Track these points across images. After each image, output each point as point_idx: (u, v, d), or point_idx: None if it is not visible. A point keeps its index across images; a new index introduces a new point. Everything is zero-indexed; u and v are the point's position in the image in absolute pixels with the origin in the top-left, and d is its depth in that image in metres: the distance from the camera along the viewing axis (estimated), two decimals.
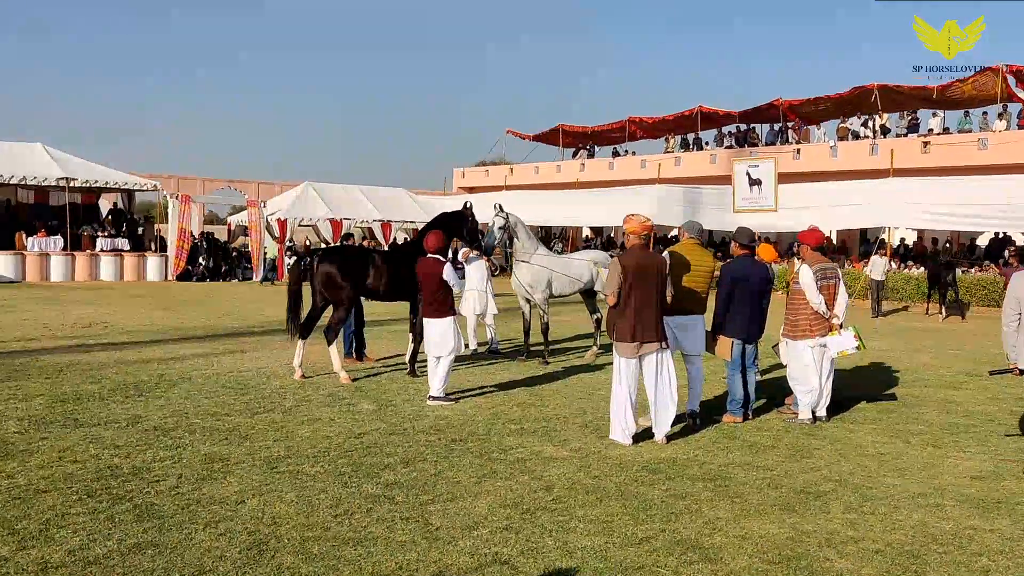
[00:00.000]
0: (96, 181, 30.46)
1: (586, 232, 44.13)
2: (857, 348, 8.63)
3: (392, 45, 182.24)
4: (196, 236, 35.92)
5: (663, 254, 8.46)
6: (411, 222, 34.14)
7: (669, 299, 7.63)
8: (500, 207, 11.91)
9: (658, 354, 7.50)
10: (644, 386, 7.64)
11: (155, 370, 10.70)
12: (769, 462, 6.99)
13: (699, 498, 5.94)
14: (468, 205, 11.62)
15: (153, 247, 32.12)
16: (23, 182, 29.20)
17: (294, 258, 26.12)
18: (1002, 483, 6.56)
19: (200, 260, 32.01)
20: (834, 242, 34.03)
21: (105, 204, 35.31)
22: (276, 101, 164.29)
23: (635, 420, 7.55)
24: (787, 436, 7.93)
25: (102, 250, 30.02)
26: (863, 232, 33.48)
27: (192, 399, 8.96)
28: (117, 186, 31.29)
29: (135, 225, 33.12)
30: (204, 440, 7.20)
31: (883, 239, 29.00)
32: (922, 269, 26.16)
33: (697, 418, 8.34)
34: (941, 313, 21.78)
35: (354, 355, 11.96)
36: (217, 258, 32.53)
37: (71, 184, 29.52)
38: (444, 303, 9.40)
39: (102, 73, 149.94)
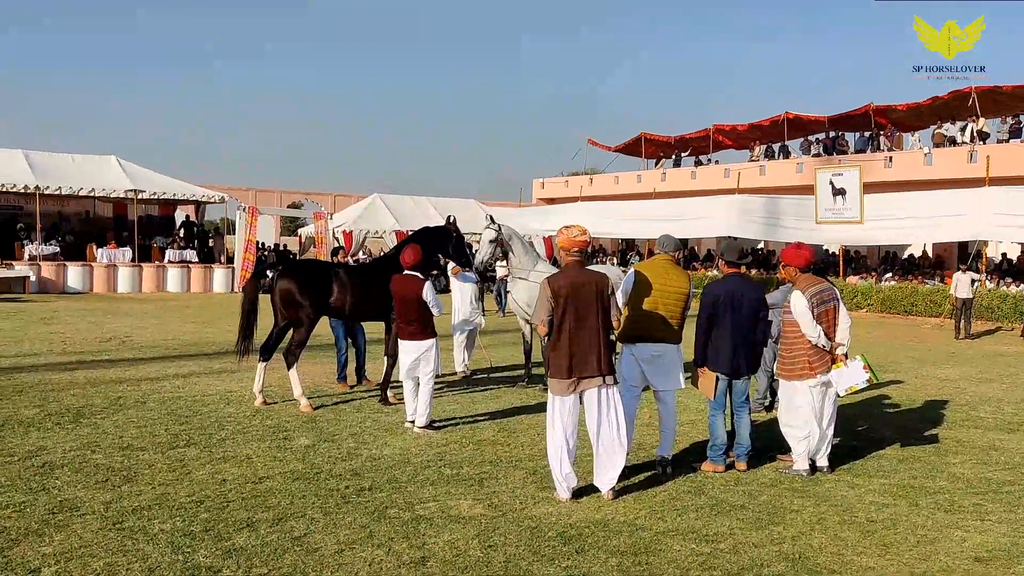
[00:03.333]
0: (164, 193, 30.66)
1: None
2: (868, 382, 7.21)
3: (479, 59, 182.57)
4: (268, 248, 36.05)
5: (629, 271, 7.29)
6: (478, 234, 33.39)
7: (616, 324, 6.44)
8: (491, 218, 10.84)
9: (601, 390, 6.32)
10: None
11: (118, 392, 10.03)
12: (724, 529, 5.72)
13: None
14: (452, 220, 10.63)
15: (222, 259, 32.18)
16: (92, 194, 29.55)
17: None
18: (1014, 568, 5.15)
19: (268, 272, 31.80)
20: (929, 256, 31.70)
21: (181, 217, 35.66)
22: (356, 114, 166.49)
23: (573, 472, 6.38)
24: (766, 493, 6.61)
25: (170, 262, 30.17)
26: (963, 246, 31.04)
27: (121, 428, 8.20)
28: (185, 198, 31.46)
29: (205, 237, 33.29)
30: (81, 482, 6.37)
31: (980, 252, 26.71)
32: (1022, 286, 23.90)
33: (668, 466, 7.11)
34: None
35: (355, 376, 11.02)
36: None
37: (139, 196, 29.79)
38: (426, 324, 8.53)
39: (191, 91, 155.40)
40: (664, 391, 7.15)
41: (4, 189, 27.63)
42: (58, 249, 28.93)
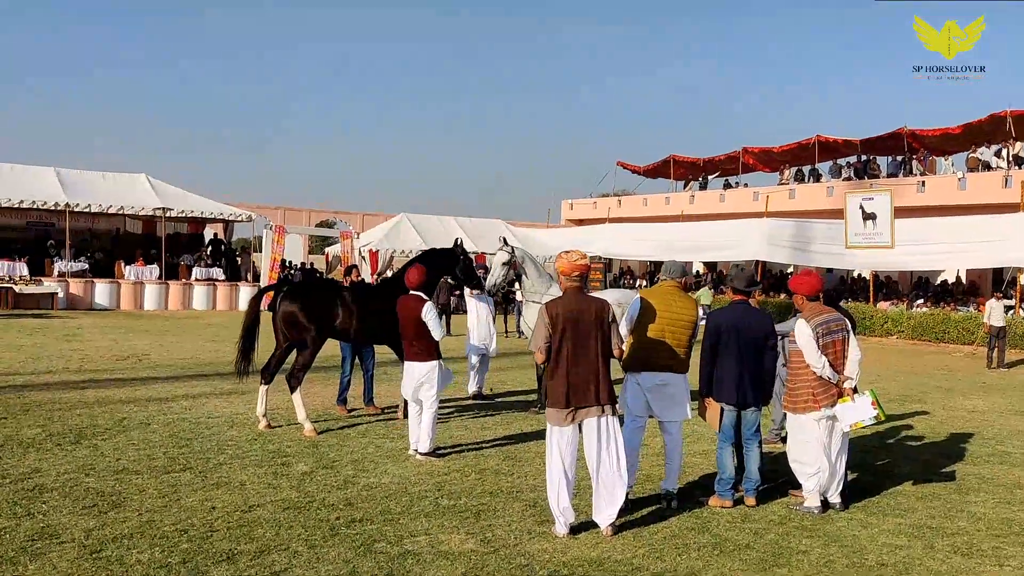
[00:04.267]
0: (192, 211, 30.87)
1: (697, 267, 42.21)
2: (875, 418, 6.87)
3: (508, 75, 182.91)
4: (296, 266, 36.17)
5: (635, 296, 7.10)
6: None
7: (617, 352, 6.23)
8: (504, 240, 10.70)
9: (601, 420, 6.10)
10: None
11: (124, 412, 9.94)
12: (725, 570, 5.46)
13: None
14: (459, 242, 10.50)
15: (249, 277, 32.29)
16: (121, 211, 29.79)
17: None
18: None
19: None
20: (963, 281, 31.09)
21: (210, 235, 35.88)
22: (385, 134, 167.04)
23: (571, 506, 6.15)
24: (773, 531, 6.33)
25: (196, 279, 30.32)
26: (997, 272, 30.41)
27: (120, 450, 8.09)
28: (212, 216, 31.65)
29: (233, 255, 33.46)
30: (68, 507, 6.24)
31: (1015, 279, 26.13)
32: None
33: (674, 500, 6.85)
34: None
35: (362, 400, 10.78)
36: None
37: (168, 214, 30.01)
38: (430, 345, 8.36)
39: (225, 112, 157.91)
40: (669, 422, 6.91)
41: (35, 206, 27.93)
42: (87, 266, 29.17)
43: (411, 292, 8.59)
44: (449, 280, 10.03)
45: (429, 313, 8.34)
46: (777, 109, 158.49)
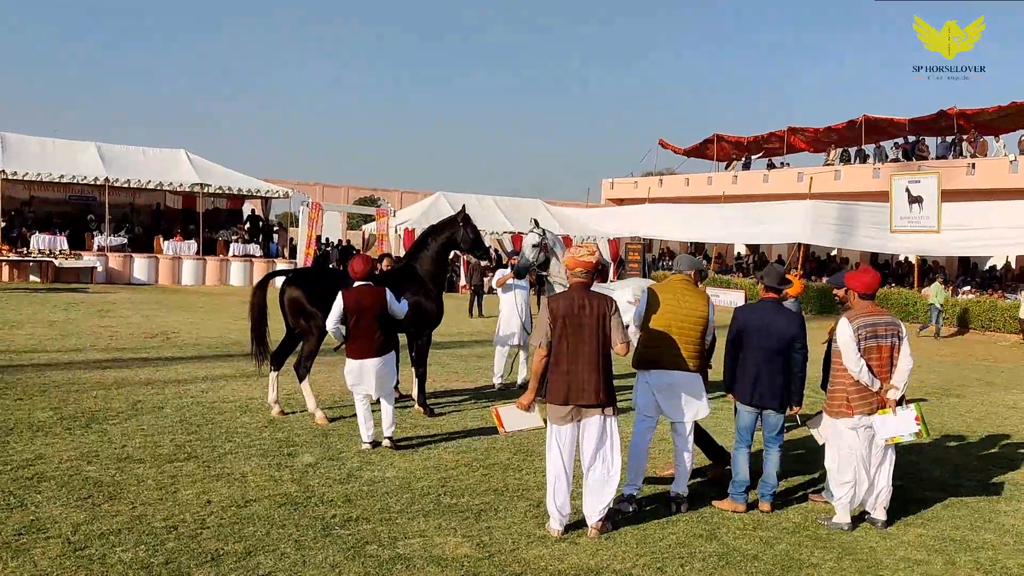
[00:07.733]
0: (230, 188, 31.00)
1: (739, 250, 41.59)
2: (916, 435, 6.47)
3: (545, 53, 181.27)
4: (332, 243, 36.23)
5: (643, 290, 6.84)
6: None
7: (621, 349, 5.97)
8: (536, 222, 10.48)
9: (603, 421, 5.91)
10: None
11: (140, 395, 9.89)
12: None
13: None
14: (462, 209, 10.32)
15: (286, 253, 32.40)
16: (160, 187, 29.99)
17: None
18: None
19: (330, 267, 31.98)
20: (1012, 268, 30.21)
21: (248, 211, 36.05)
22: (425, 109, 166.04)
23: (569, 503, 5.95)
24: (785, 541, 6.05)
25: (234, 255, 30.48)
26: None
27: (128, 436, 8.00)
28: (250, 192, 31.76)
29: (271, 231, 33.58)
30: (63, 498, 6.15)
31: None
32: None
33: (683, 503, 6.60)
34: None
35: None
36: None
37: (206, 190, 30.17)
38: (377, 341, 7.96)
39: (265, 88, 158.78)
40: (679, 422, 6.64)
41: (75, 180, 28.22)
42: (126, 240, 29.46)
43: (357, 284, 8.14)
44: (466, 258, 9.85)
45: (393, 303, 8.07)
46: (827, 93, 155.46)
